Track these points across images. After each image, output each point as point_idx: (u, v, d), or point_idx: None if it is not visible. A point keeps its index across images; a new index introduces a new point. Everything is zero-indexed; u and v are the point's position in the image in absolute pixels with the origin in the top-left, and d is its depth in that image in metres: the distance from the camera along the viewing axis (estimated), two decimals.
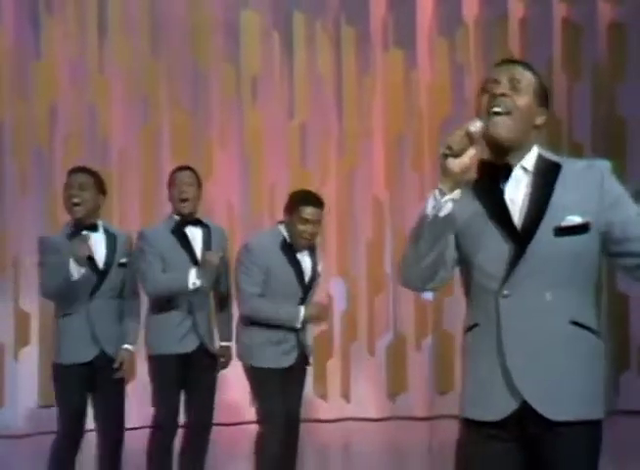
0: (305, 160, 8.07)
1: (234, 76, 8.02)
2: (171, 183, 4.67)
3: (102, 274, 4.44)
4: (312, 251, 4.64)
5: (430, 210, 2.27)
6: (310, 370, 4.94)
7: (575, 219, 2.28)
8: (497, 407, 2.29)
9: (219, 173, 7.89)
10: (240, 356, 4.58)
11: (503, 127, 2.30)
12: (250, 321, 4.53)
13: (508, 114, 2.31)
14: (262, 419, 4.45)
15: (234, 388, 7.21)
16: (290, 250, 4.53)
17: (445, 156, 2.24)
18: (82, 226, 4.44)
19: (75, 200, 4.41)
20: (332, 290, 7.83)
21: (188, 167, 4.78)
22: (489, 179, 2.35)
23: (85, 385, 4.42)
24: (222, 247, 4.73)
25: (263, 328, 4.47)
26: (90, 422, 4.52)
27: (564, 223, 2.28)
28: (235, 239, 7.75)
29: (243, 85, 8.03)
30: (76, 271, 4.27)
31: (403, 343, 8.11)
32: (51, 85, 7.65)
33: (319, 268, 4.67)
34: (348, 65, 8.19)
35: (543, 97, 2.40)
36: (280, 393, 4.43)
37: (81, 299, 4.39)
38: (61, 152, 7.58)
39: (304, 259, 4.59)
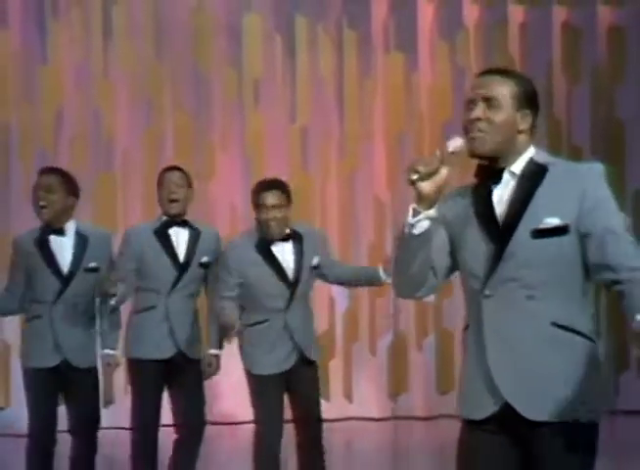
0: (307, 161, 8.10)
1: (236, 79, 8.06)
2: (160, 183, 4.57)
3: (66, 280, 4.32)
4: (297, 242, 4.37)
5: (406, 228, 2.31)
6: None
7: (553, 221, 2.26)
8: (482, 406, 2.31)
9: (222, 175, 7.93)
10: (241, 358, 4.47)
11: (480, 144, 2.31)
12: (244, 326, 4.38)
13: (484, 134, 2.31)
14: (258, 423, 4.34)
15: (234, 388, 7.27)
16: (265, 247, 4.31)
17: (413, 182, 2.26)
18: (50, 230, 4.33)
19: (42, 202, 4.27)
20: (333, 291, 7.86)
21: (177, 168, 4.70)
22: (483, 183, 2.37)
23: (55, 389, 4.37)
24: (211, 250, 4.57)
25: (256, 334, 4.33)
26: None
27: (541, 225, 2.27)
28: None
29: (245, 88, 8.06)
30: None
31: (404, 343, 8.14)
32: (57, 89, 7.71)
33: (314, 261, 4.40)
34: (350, 67, 8.23)
35: (526, 100, 2.36)
36: (278, 397, 4.32)
37: (45, 304, 4.31)
38: (66, 154, 7.63)
39: (284, 254, 4.34)
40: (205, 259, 4.55)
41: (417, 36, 8.27)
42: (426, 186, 2.26)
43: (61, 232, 4.35)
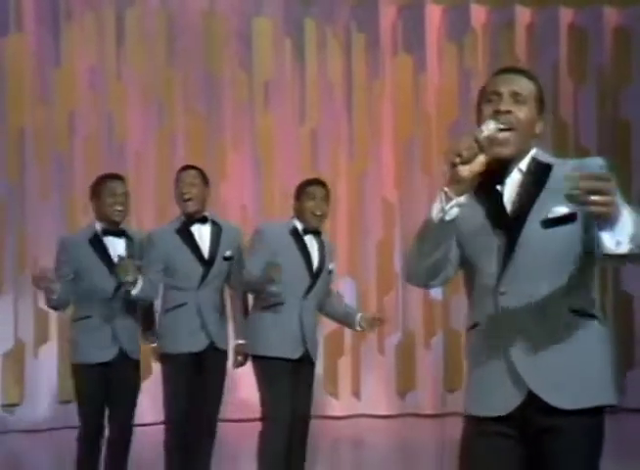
0: (316, 163, 8.15)
1: (247, 82, 8.12)
2: (176, 183, 4.68)
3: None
4: (321, 243, 4.59)
5: (435, 213, 2.26)
6: (321, 368, 4.94)
7: (562, 210, 2.27)
8: (503, 402, 2.30)
9: (232, 176, 8.00)
10: (248, 347, 4.58)
11: (507, 146, 2.31)
12: (255, 308, 4.56)
13: (512, 130, 2.32)
14: (267, 416, 4.43)
15: (245, 384, 7.34)
16: (298, 236, 4.50)
17: (455, 164, 2.22)
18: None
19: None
20: (341, 289, 7.90)
21: (192, 167, 4.78)
22: (490, 181, 2.37)
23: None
24: (234, 246, 4.69)
25: (269, 319, 4.47)
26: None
27: (550, 215, 2.29)
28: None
29: (255, 90, 8.12)
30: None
31: (412, 341, 8.19)
32: (70, 91, 7.76)
33: (330, 266, 4.61)
34: (358, 70, 8.28)
35: (542, 104, 2.40)
36: (288, 390, 4.40)
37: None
38: (79, 155, 7.70)
39: (313, 248, 4.54)
40: (228, 254, 4.66)
41: (425, 38, 8.32)
42: (464, 171, 2.22)
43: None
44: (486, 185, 2.36)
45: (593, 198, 1.96)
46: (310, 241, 4.54)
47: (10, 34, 7.69)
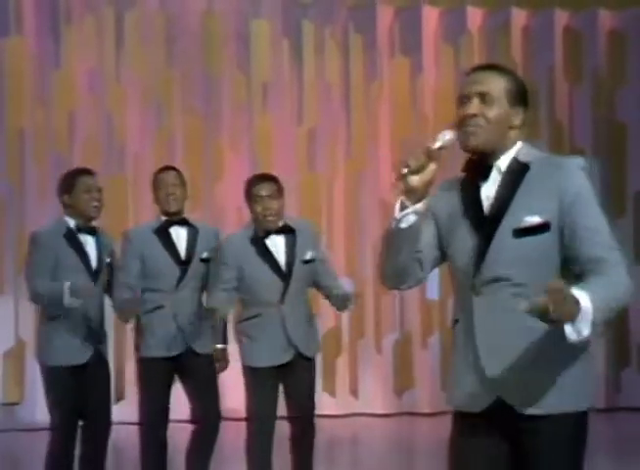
0: (314, 163, 8.20)
1: (245, 83, 8.17)
2: (156, 184, 4.60)
3: (95, 275, 4.47)
4: (290, 236, 4.39)
5: (393, 221, 2.31)
6: (318, 367, 4.84)
7: (534, 220, 2.25)
8: (475, 400, 2.31)
9: (230, 177, 8.02)
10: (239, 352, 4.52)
11: (475, 139, 2.32)
12: (238, 319, 4.49)
13: (479, 129, 2.32)
14: (251, 418, 4.36)
15: (240, 383, 7.39)
16: (259, 241, 4.34)
17: (403, 176, 2.26)
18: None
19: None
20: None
21: (172, 168, 4.75)
22: (472, 178, 2.37)
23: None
24: (210, 248, 4.59)
25: (248, 326, 4.41)
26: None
27: (522, 225, 2.27)
28: None
29: (253, 91, 8.17)
30: (69, 300, 4.26)
31: (409, 341, 8.24)
32: (70, 93, 7.82)
33: (308, 255, 4.39)
34: (356, 71, 8.33)
35: (518, 97, 2.36)
36: (272, 392, 4.36)
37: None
38: (79, 156, 7.71)
39: (278, 247, 4.37)
40: (205, 255, 4.62)
41: (421, 40, 8.37)
42: (414, 180, 2.27)
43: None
44: (469, 181, 2.38)
45: (553, 316, 2.02)
46: (274, 242, 4.37)
47: (10, 36, 7.75)
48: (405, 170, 2.26)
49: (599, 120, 8.52)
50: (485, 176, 2.35)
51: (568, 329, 2.08)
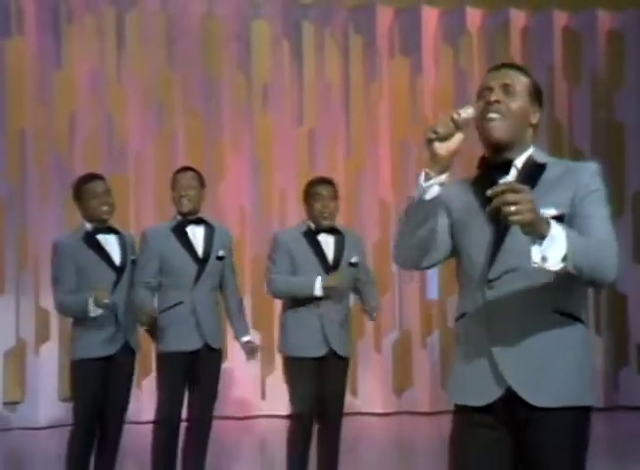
0: (314, 164, 8.21)
1: (245, 84, 8.20)
2: (174, 185, 4.76)
3: (120, 271, 4.61)
4: (339, 237, 4.72)
5: (417, 191, 2.33)
6: None
7: (549, 212, 2.26)
8: (483, 393, 2.34)
9: (231, 177, 8.07)
10: (279, 346, 4.72)
11: (499, 130, 2.37)
12: (284, 307, 4.69)
13: (502, 117, 2.37)
14: (291, 414, 4.60)
15: (242, 383, 7.41)
16: (312, 235, 4.65)
17: (431, 140, 2.29)
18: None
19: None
20: None
21: (190, 168, 4.87)
22: (488, 174, 2.41)
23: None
24: (225, 247, 4.79)
25: (290, 316, 4.62)
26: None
27: None
28: (246, 240, 7.99)
29: (254, 92, 8.20)
30: (94, 311, 4.40)
31: (409, 340, 8.26)
32: (71, 94, 7.84)
33: (353, 259, 4.70)
34: (356, 72, 8.36)
35: (537, 97, 2.45)
36: (310, 388, 4.53)
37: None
38: (80, 157, 7.76)
39: (328, 244, 4.67)
40: (221, 253, 4.76)
41: (421, 41, 8.40)
42: (441, 148, 2.29)
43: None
44: (486, 178, 2.41)
45: (507, 209, 2.05)
46: (325, 239, 4.68)
47: (11, 37, 7.77)
48: (433, 136, 2.29)
49: (598, 120, 8.54)
50: (506, 172, 2.40)
51: (533, 250, 2.10)
